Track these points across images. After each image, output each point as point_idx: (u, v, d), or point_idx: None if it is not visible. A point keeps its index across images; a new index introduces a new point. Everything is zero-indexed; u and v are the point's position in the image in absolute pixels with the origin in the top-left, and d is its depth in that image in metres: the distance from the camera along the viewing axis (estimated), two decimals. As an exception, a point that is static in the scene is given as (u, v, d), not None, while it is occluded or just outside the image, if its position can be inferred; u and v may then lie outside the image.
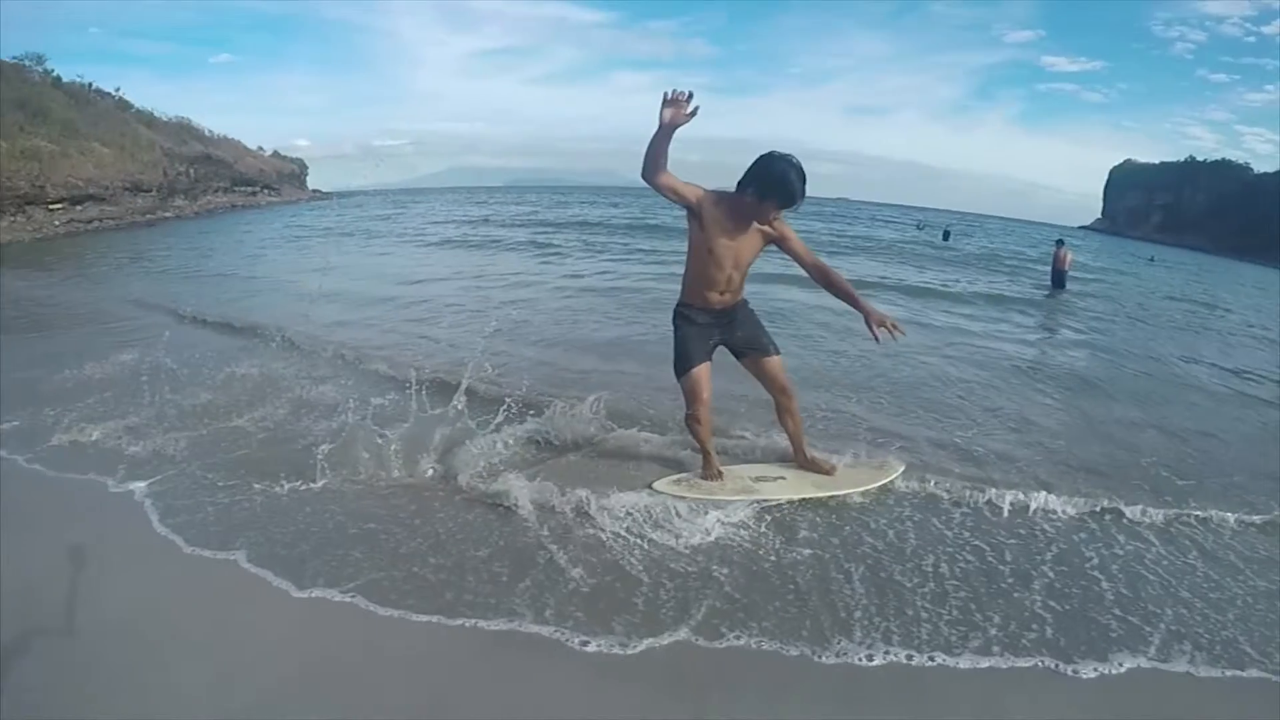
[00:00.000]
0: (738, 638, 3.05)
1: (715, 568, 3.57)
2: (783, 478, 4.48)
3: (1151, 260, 42.76)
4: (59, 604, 3.08)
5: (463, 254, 18.26)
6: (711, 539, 3.83)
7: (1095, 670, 3.00)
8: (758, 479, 4.44)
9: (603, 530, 3.87)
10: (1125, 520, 4.41)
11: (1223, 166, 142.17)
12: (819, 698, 2.78)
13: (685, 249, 4.08)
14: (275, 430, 5.26)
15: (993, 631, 3.20)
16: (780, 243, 4.10)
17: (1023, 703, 2.80)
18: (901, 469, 4.71)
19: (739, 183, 3.82)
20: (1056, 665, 3.01)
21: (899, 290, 14.89)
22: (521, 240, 21.62)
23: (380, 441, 4.65)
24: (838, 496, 4.34)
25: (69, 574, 3.30)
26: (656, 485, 4.33)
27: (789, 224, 4.13)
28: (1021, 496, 4.52)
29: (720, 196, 3.91)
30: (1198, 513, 4.60)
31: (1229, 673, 3.08)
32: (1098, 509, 4.50)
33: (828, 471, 4.52)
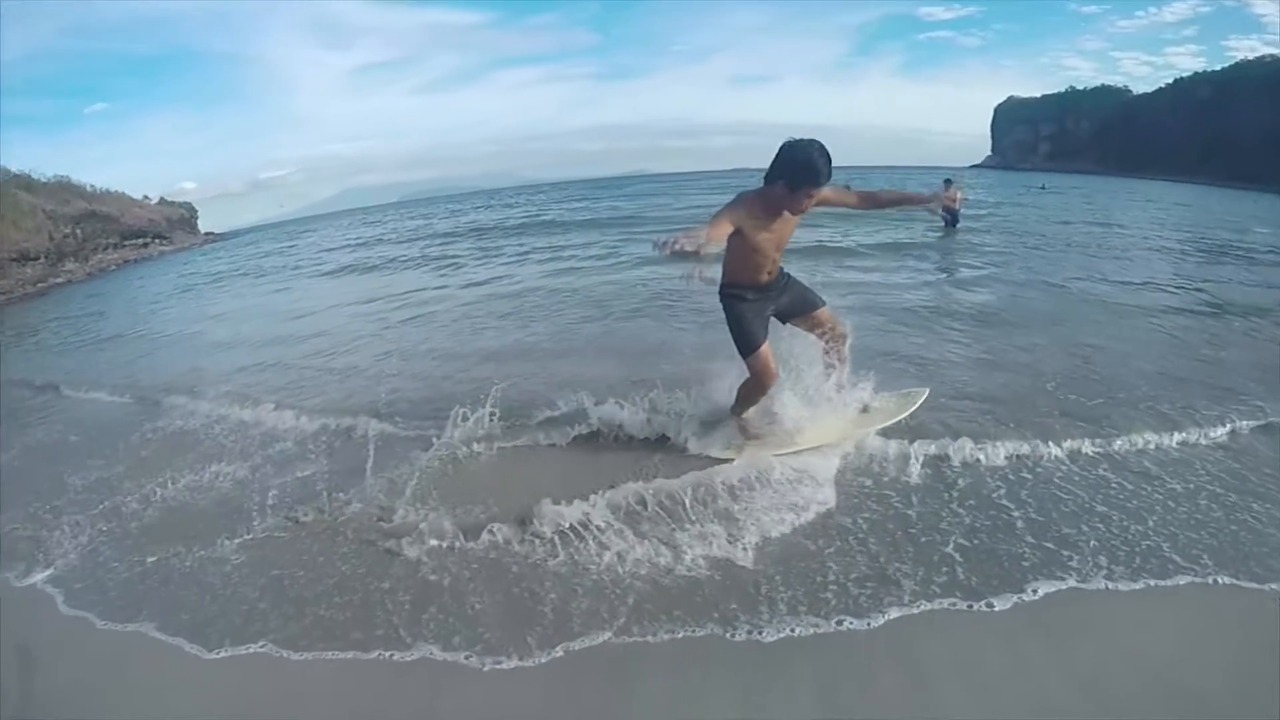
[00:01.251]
0: (655, 635, 3.04)
1: (619, 573, 3.50)
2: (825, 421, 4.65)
3: (1043, 189, 44.57)
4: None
5: (358, 278, 17.88)
6: (609, 551, 3.70)
7: (1011, 600, 3.05)
8: (798, 429, 4.58)
9: (498, 548, 3.78)
10: (1034, 448, 4.49)
11: (1102, 92, 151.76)
12: (733, 672, 2.82)
13: (582, 241, 4.02)
14: (174, 495, 5.03)
15: (903, 582, 3.22)
16: (824, 205, 4.12)
17: (935, 646, 2.84)
18: (926, 392, 4.99)
19: (767, 176, 3.87)
20: (970, 605, 3.05)
21: (794, 251, 15.02)
22: (417, 256, 21.31)
23: (278, 490, 4.65)
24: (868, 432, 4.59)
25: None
26: (711, 453, 4.61)
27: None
28: (930, 443, 4.56)
29: (752, 198, 3.97)
30: (1108, 429, 4.73)
31: (1153, 582, 3.17)
32: (1005, 440, 4.56)
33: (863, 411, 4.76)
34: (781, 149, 3.80)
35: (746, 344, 4.29)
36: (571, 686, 2.81)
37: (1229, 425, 4.84)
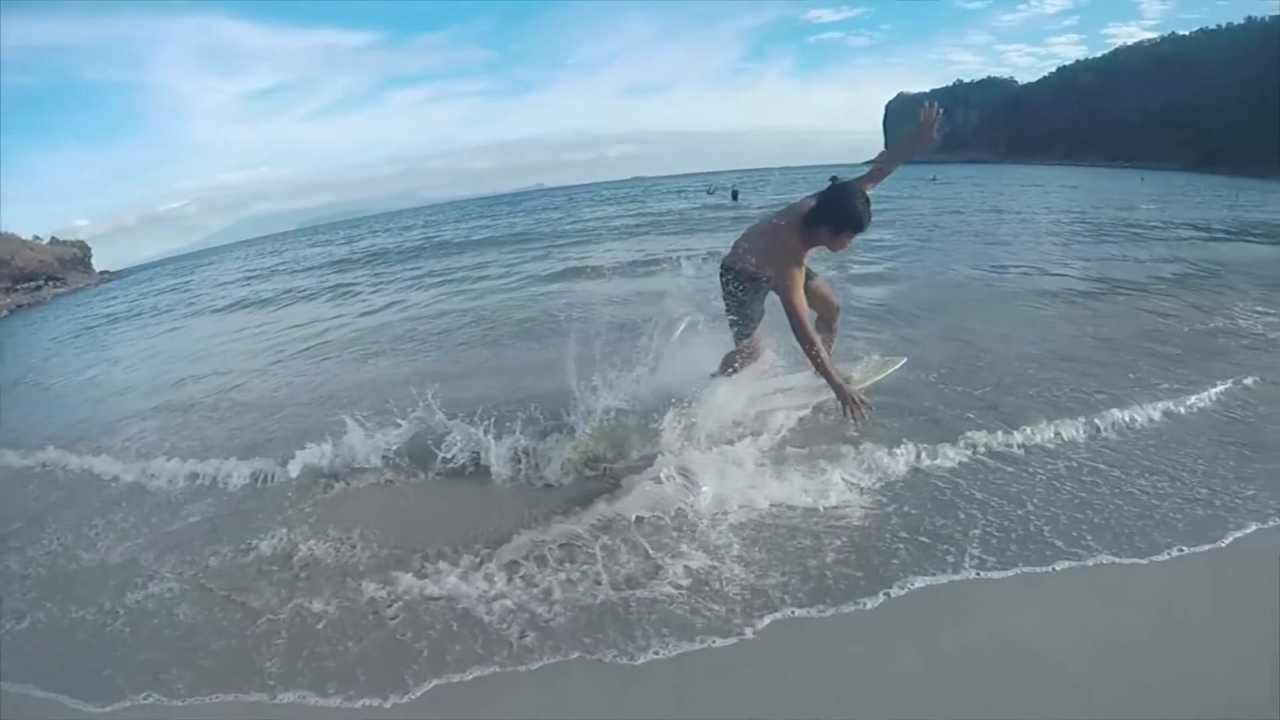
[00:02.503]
0: (527, 664, 3.01)
1: (500, 607, 3.40)
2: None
3: (934, 179, 46.38)
4: None
5: (252, 313, 17.22)
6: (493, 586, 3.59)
7: (880, 598, 3.11)
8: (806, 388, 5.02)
9: (377, 589, 3.64)
10: (914, 441, 4.52)
11: (989, 84, 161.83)
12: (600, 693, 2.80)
13: (478, 261, 3.98)
14: (53, 552, 4.76)
15: (772, 592, 3.24)
16: None
17: (802, 650, 2.91)
18: (904, 360, 5.43)
19: (810, 219, 4.19)
20: (838, 608, 3.10)
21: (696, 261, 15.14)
22: (313, 286, 20.75)
23: (157, 542, 4.55)
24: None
25: None
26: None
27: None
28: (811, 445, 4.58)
29: (798, 248, 4.33)
30: (992, 417, 4.87)
31: (1024, 569, 3.25)
32: (885, 436, 4.61)
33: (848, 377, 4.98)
34: (829, 202, 4.15)
35: (744, 330, 4.79)
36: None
37: (1114, 404, 5.00)
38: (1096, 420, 4.75)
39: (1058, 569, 3.24)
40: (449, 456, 4.85)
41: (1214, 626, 2.87)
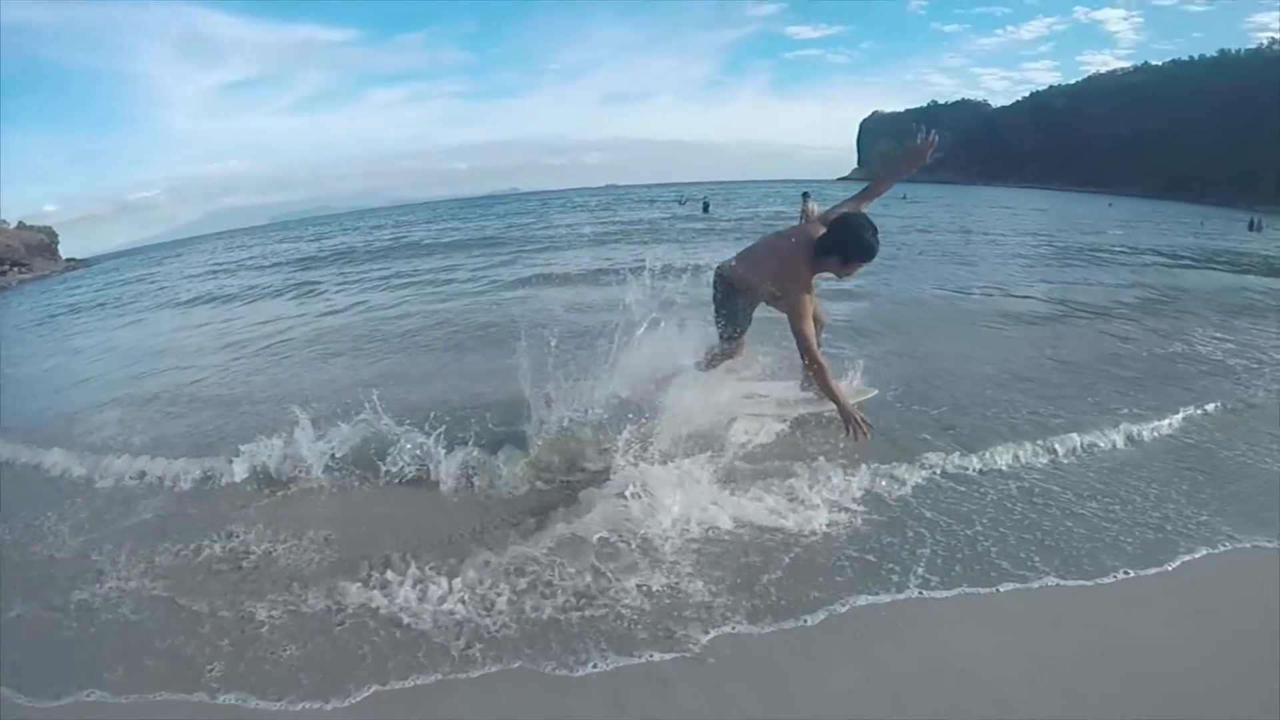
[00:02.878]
0: (468, 672, 2.99)
1: (444, 616, 3.37)
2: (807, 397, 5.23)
3: (904, 198, 46.99)
4: None
5: (216, 309, 16.90)
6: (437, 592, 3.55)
7: (822, 615, 3.11)
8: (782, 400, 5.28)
9: (323, 595, 3.60)
10: (870, 460, 4.52)
11: (963, 106, 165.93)
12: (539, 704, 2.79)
13: (447, 264, 3.91)
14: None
15: (717, 610, 3.22)
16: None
17: (743, 666, 2.88)
18: (874, 392, 5.56)
19: (819, 249, 4.25)
20: (778, 625, 3.09)
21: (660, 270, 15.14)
22: (278, 283, 20.43)
23: (104, 539, 4.43)
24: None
25: None
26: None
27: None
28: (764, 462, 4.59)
29: (807, 276, 4.38)
30: (949, 437, 4.92)
31: (967, 590, 3.26)
32: (841, 455, 4.60)
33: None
34: (840, 231, 4.18)
35: (733, 333, 4.89)
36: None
37: (1070, 427, 5.05)
38: (1052, 443, 4.78)
39: (1002, 590, 3.26)
40: (395, 469, 4.78)
41: (1155, 649, 2.90)
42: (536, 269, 16.33)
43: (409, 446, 4.89)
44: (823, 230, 4.29)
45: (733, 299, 4.75)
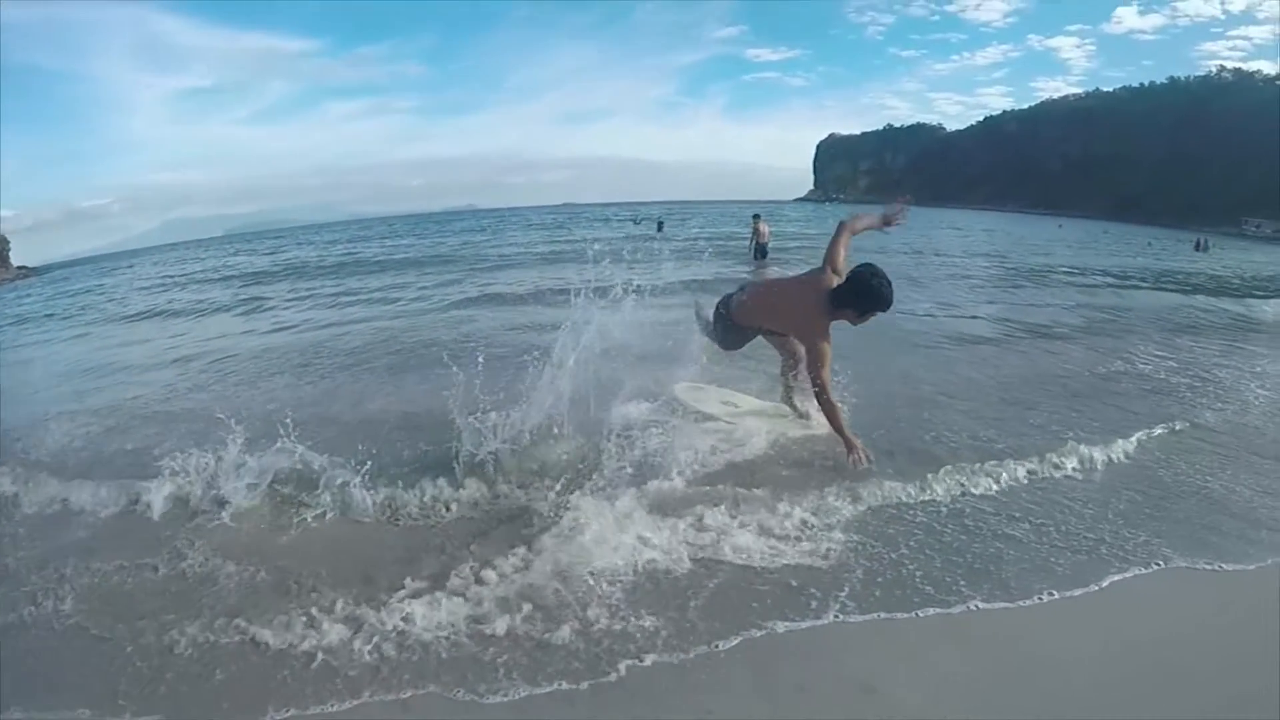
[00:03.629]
0: (407, 687, 2.91)
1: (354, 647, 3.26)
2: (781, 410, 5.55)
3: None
4: None
5: (164, 322, 16.56)
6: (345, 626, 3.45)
7: (739, 637, 3.10)
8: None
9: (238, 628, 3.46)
10: (793, 484, 4.49)
11: (918, 129, 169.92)
12: None
13: (399, 282, 3.82)
14: None
15: (639, 636, 3.17)
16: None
17: (658, 690, 2.85)
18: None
19: (836, 301, 4.57)
20: (693, 651, 3.05)
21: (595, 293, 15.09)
22: (228, 298, 20.11)
23: (14, 558, 4.38)
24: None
25: None
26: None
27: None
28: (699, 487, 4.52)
29: (828, 325, 4.67)
30: (882, 460, 4.83)
31: (884, 615, 3.23)
32: (781, 489, 4.48)
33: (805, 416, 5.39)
34: (857, 286, 4.50)
35: (726, 347, 5.48)
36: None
37: (1008, 449, 5.07)
38: (988, 464, 4.75)
39: (921, 615, 3.23)
40: (321, 497, 4.65)
41: (1074, 668, 2.91)
42: (485, 288, 16.32)
43: (337, 475, 4.75)
44: (835, 280, 4.62)
45: (734, 332, 5.17)
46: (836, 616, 3.22)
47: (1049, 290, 14.64)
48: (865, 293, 4.47)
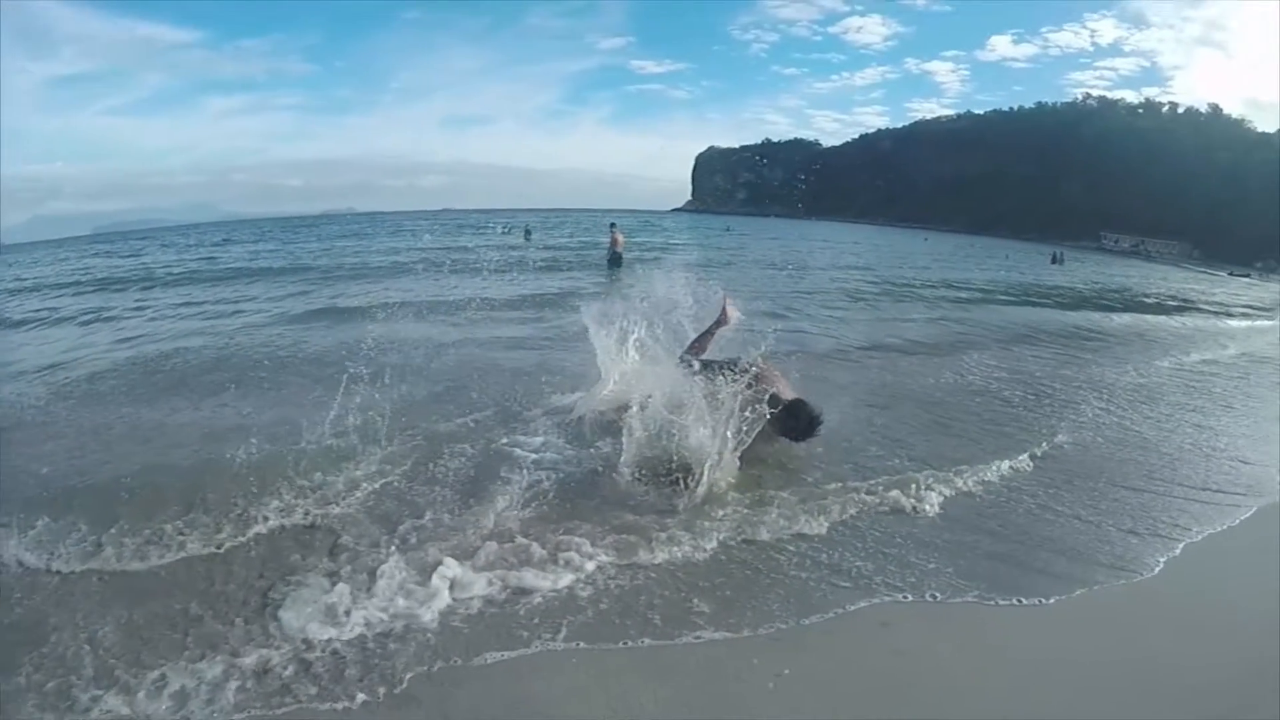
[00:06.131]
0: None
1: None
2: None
3: (728, 230, 49.04)
4: None
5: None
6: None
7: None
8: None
9: None
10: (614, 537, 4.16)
11: (796, 144, 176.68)
12: None
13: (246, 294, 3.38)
14: None
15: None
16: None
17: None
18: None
19: (779, 427, 5.02)
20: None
21: (445, 303, 14.48)
22: (73, 307, 18.63)
23: None
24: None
25: None
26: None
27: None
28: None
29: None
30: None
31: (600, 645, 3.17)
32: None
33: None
34: (798, 424, 5.03)
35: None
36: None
37: (857, 475, 5.00)
38: (777, 492, 4.66)
39: (645, 643, 3.20)
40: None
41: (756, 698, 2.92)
42: (331, 301, 15.60)
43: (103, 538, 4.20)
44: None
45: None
46: (544, 644, 3.18)
47: (909, 304, 14.81)
48: (804, 431, 5.06)
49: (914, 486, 4.81)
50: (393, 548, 3.88)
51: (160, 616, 3.44)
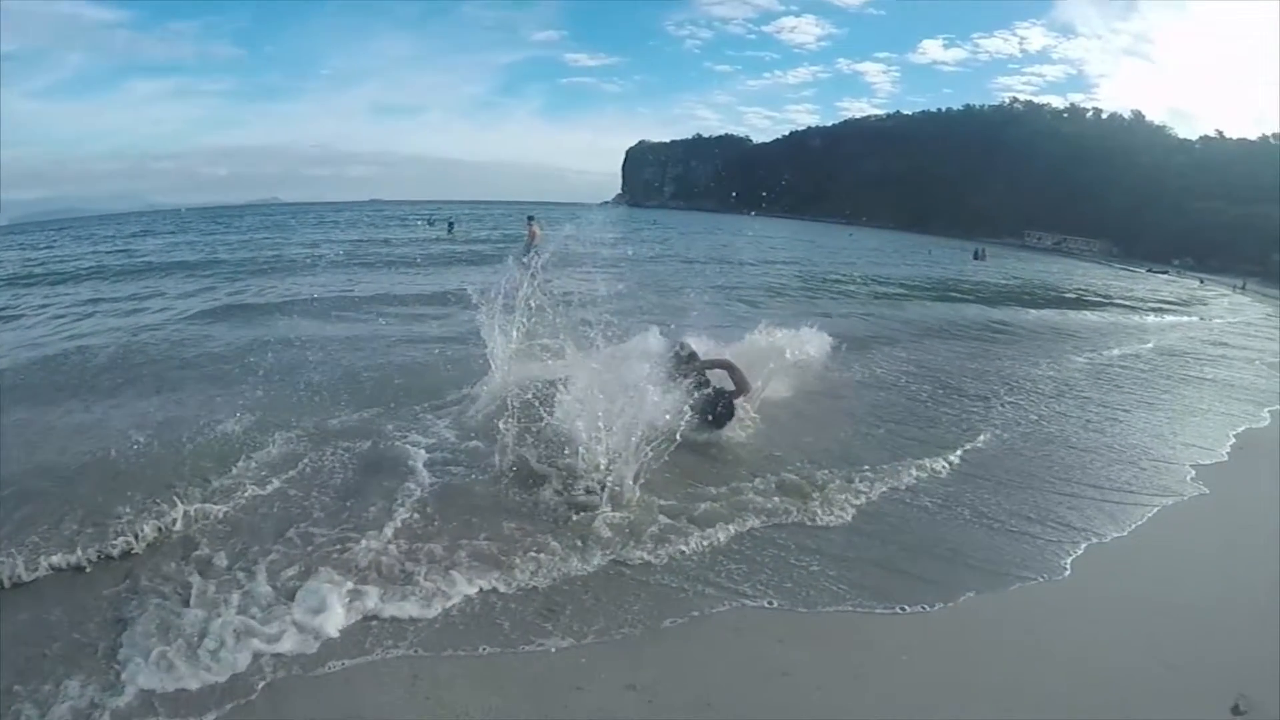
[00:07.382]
0: None
1: None
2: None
3: (654, 223, 49.34)
4: None
5: None
6: None
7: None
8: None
9: None
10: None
11: (726, 140, 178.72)
12: None
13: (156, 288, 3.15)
14: None
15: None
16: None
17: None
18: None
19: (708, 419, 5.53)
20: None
21: (346, 303, 14.04)
22: None
23: None
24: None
25: None
26: None
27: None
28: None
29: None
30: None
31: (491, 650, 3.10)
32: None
33: None
34: (719, 414, 5.56)
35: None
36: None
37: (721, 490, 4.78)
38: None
39: (523, 649, 3.16)
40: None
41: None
42: (240, 297, 15.06)
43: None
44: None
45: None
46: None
47: (821, 301, 14.76)
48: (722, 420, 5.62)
49: (816, 492, 4.75)
50: (259, 563, 3.66)
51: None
